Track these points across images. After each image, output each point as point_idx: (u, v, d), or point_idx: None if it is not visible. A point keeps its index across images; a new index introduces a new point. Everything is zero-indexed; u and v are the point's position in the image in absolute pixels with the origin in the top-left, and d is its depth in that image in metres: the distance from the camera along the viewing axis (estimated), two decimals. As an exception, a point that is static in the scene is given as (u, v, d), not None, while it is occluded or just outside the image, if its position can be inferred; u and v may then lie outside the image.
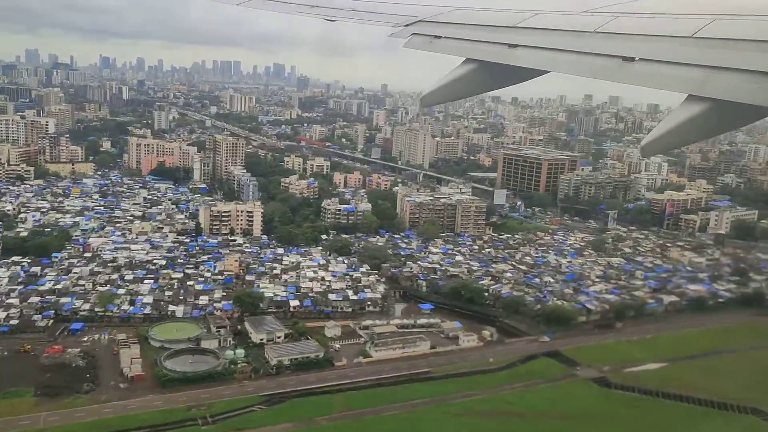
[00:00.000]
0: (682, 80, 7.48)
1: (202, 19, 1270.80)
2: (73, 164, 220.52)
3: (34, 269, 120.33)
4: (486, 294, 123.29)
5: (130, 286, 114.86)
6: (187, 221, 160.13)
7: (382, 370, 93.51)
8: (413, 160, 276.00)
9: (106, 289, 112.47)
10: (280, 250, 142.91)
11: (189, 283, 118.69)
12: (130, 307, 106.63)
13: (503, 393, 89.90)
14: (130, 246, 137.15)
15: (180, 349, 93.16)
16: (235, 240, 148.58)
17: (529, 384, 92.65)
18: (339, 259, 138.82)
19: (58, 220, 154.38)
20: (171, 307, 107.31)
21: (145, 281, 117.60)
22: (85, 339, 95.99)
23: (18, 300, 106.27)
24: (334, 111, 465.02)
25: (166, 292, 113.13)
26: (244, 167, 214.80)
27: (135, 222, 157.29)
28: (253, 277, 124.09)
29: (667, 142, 7.60)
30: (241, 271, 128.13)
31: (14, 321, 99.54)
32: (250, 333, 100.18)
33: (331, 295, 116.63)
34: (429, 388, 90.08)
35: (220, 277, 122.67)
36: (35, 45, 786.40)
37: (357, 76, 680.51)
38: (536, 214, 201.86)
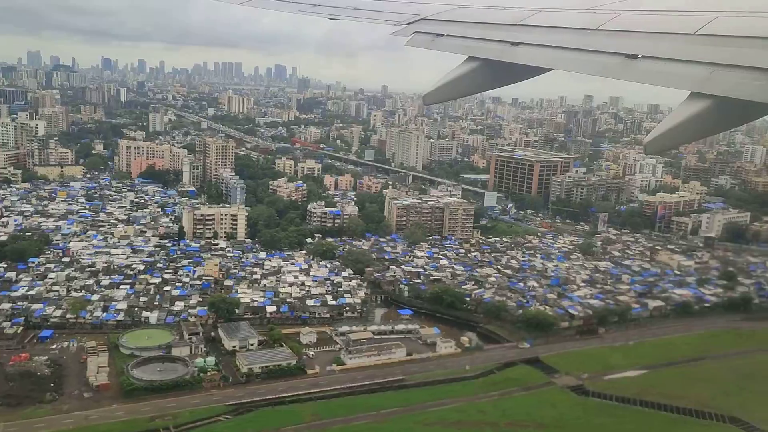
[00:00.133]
0: (685, 77, 7.43)
1: (204, 20, 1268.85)
2: (62, 167, 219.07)
3: (9, 275, 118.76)
4: (468, 299, 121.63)
5: (105, 291, 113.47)
6: (171, 225, 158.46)
7: (355, 378, 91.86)
8: (407, 162, 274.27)
9: (80, 294, 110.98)
10: (263, 254, 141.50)
11: (166, 288, 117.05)
12: (103, 313, 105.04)
13: (478, 402, 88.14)
14: (111, 250, 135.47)
15: (149, 357, 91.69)
16: (217, 244, 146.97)
17: (505, 392, 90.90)
18: (322, 263, 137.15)
19: (41, 224, 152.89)
20: (145, 314, 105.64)
21: (121, 287, 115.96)
22: (54, 346, 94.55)
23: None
24: (332, 112, 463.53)
25: (141, 298, 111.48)
26: (234, 170, 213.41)
27: (118, 226, 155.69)
28: (232, 282, 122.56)
29: (671, 139, 7.52)
30: (221, 275, 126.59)
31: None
32: (223, 340, 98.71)
33: (310, 301, 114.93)
34: (402, 396, 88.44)
35: (198, 282, 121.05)
36: (38, 47, 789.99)
37: (359, 77, 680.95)
38: (527, 216, 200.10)
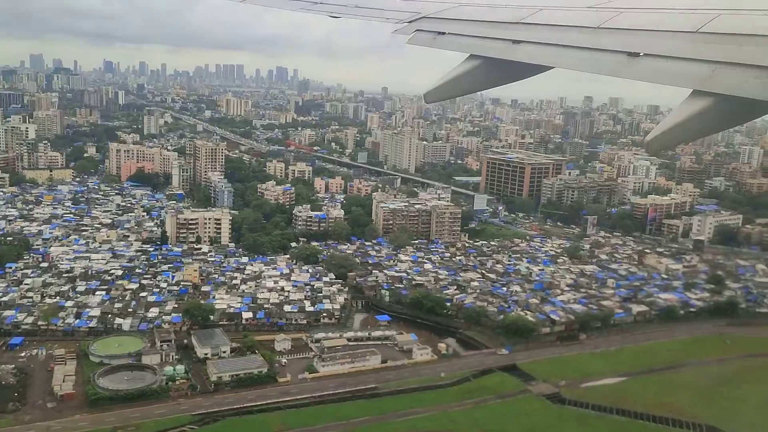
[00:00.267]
0: (687, 75, 7.39)
1: (207, 23, 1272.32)
2: (51, 171, 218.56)
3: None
4: (449, 304, 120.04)
5: (80, 297, 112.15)
6: (155, 229, 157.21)
7: (326, 387, 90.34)
8: (399, 165, 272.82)
9: (54, 301, 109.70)
10: (245, 259, 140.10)
11: (142, 294, 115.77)
12: (76, 320, 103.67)
13: (450, 411, 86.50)
14: (91, 255, 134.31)
15: (118, 365, 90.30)
16: (200, 248, 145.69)
17: (479, 401, 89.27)
18: (304, 268, 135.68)
19: (23, 229, 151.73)
20: (118, 320, 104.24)
21: (97, 293, 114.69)
22: (23, 354, 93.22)
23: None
24: (330, 115, 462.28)
25: (116, 304, 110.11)
26: (223, 173, 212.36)
27: (102, 230, 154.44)
28: (210, 287, 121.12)
29: (672, 137, 7.50)
30: (200, 281, 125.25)
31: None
32: (195, 347, 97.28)
33: (287, 307, 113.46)
34: (373, 405, 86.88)
35: (175, 288, 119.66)
36: (40, 50, 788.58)
37: (360, 79, 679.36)
38: (517, 219, 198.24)
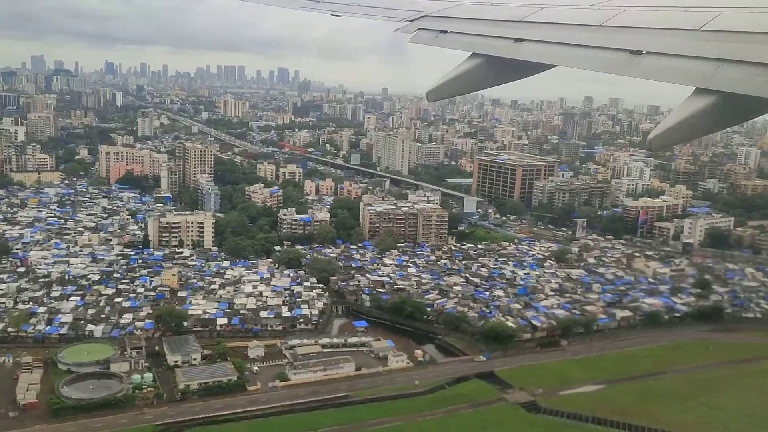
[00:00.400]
0: (690, 73, 7.31)
1: (209, 24, 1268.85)
2: (40, 173, 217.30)
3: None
4: (429, 309, 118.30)
5: (53, 303, 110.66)
6: (138, 233, 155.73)
7: (297, 395, 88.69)
8: (392, 166, 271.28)
9: (27, 306, 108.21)
10: (226, 263, 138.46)
11: (118, 300, 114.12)
12: (47, 326, 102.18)
13: (422, 420, 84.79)
14: (70, 260, 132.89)
15: (85, 373, 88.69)
16: (182, 252, 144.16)
17: (452, 409, 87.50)
18: (285, 272, 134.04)
19: (5, 233, 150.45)
20: (90, 327, 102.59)
21: (72, 298, 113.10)
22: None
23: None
24: (328, 116, 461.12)
25: (89, 310, 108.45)
26: (213, 175, 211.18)
27: (84, 234, 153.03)
28: (187, 292, 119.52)
29: (675, 135, 7.39)
30: (179, 285, 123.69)
31: None
32: (166, 354, 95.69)
33: (263, 312, 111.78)
34: (343, 414, 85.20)
35: (152, 293, 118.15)
36: (42, 51, 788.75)
37: (361, 80, 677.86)
38: (507, 222, 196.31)
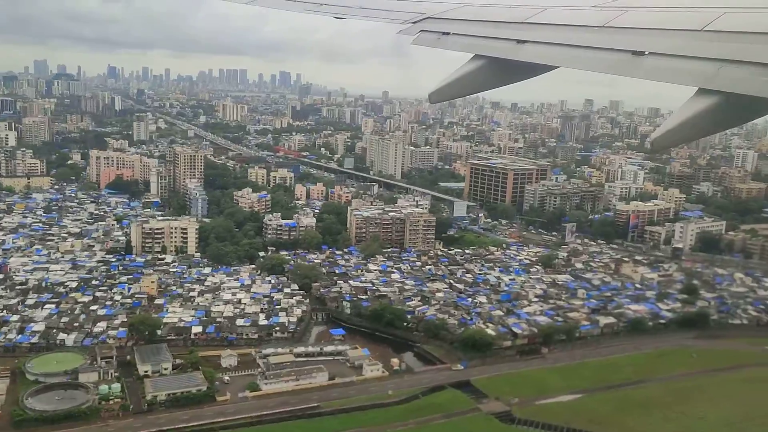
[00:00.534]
0: (693, 74, 7.26)
1: (212, 28, 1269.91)
2: (29, 178, 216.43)
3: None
4: (409, 317, 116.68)
5: (27, 311, 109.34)
6: (122, 238, 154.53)
7: (266, 406, 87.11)
8: (385, 170, 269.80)
9: (0, 315, 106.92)
10: (208, 270, 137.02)
11: (93, 307, 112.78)
12: (18, 335, 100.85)
13: (393, 430, 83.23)
14: (50, 266, 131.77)
15: (51, 384, 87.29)
16: (164, 258, 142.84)
17: (425, 420, 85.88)
18: (267, 279, 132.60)
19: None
20: (62, 336, 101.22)
21: (47, 306, 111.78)
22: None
23: None
24: (326, 119, 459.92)
25: (63, 318, 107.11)
26: (203, 180, 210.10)
27: (67, 240, 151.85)
28: (164, 299, 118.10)
29: (678, 136, 7.25)
30: (158, 293, 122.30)
31: None
32: (137, 364, 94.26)
33: (240, 320, 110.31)
34: (312, 425, 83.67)
35: (129, 300, 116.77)
36: (46, 56, 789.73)
37: (363, 83, 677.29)
38: (497, 226, 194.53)
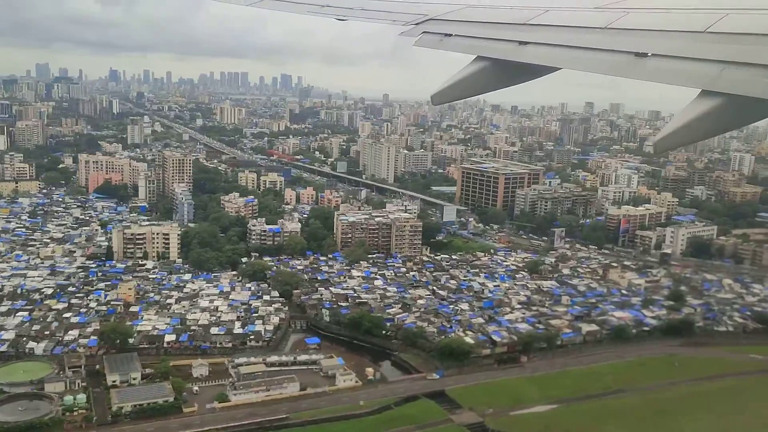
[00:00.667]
0: (695, 75, 7.20)
1: (214, 31, 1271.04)
2: (17, 182, 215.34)
3: None
4: (389, 324, 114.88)
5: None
6: (105, 244, 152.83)
7: (234, 417, 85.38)
8: (378, 174, 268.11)
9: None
10: (188, 276, 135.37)
11: (67, 315, 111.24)
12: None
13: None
14: (28, 272, 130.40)
15: (16, 394, 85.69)
16: (144, 265, 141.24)
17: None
18: (248, 285, 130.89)
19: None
20: (31, 344, 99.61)
21: (19, 313, 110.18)
22: None
23: None
24: (324, 122, 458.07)
25: (34, 326, 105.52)
26: (192, 184, 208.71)
27: (49, 245, 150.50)
28: (140, 307, 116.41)
29: (680, 137, 7.16)
30: (136, 300, 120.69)
31: None
32: (106, 373, 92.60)
33: (214, 329, 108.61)
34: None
35: (104, 308, 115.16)
36: (48, 59, 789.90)
37: (365, 86, 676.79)
38: (488, 231, 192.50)
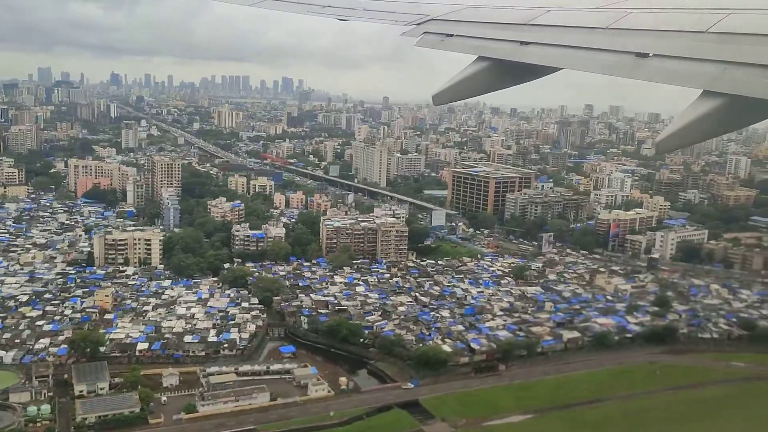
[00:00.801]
0: (697, 76, 7.13)
1: (215, 34, 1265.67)
2: (5, 187, 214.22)
3: None
4: (367, 332, 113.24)
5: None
6: (87, 249, 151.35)
7: (201, 428, 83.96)
8: (370, 178, 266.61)
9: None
10: (168, 282, 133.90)
11: (40, 322, 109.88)
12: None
13: (329, 455, 79.99)
14: (6, 279, 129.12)
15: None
16: (125, 271, 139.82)
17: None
18: (227, 292, 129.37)
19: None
20: (0, 352, 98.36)
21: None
22: None
23: None
24: (322, 125, 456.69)
25: (5, 335, 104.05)
26: (180, 188, 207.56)
27: (31, 251, 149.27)
28: (115, 314, 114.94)
29: (682, 138, 7.16)
30: (113, 307, 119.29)
31: None
32: (74, 383, 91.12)
33: (188, 337, 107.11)
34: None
35: (79, 315, 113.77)
36: (50, 63, 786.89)
37: (366, 88, 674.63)
38: (477, 236, 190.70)
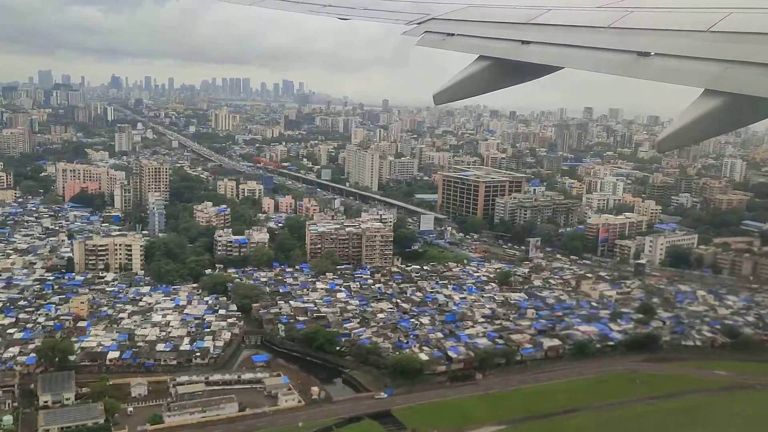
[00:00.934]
0: (699, 74, 7.12)
1: (216, 37, 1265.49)
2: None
3: None
4: (344, 340, 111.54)
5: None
6: (68, 255, 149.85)
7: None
8: (362, 181, 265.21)
9: None
10: (146, 289, 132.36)
11: (11, 330, 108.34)
12: None
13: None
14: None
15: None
16: (104, 277, 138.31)
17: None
18: (206, 299, 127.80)
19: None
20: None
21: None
22: None
23: None
24: (319, 128, 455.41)
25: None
26: (168, 192, 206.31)
27: (11, 257, 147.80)
28: (89, 322, 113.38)
29: (683, 137, 7.17)
30: (88, 314, 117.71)
31: None
32: (39, 393, 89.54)
33: (161, 345, 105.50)
34: (209, 462, 78.75)
35: (52, 323, 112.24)
36: (51, 66, 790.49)
37: (366, 90, 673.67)
38: (465, 240, 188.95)
